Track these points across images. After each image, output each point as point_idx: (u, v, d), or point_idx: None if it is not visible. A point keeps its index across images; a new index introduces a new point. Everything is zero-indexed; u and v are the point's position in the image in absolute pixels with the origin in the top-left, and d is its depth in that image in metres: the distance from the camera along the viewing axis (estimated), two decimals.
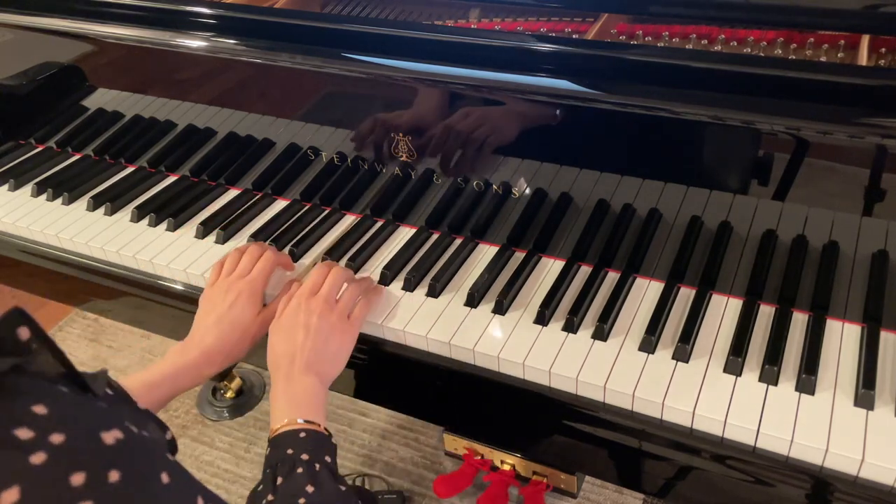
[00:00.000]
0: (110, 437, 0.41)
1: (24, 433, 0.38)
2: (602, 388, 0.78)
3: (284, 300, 0.85)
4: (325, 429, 0.74)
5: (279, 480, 0.66)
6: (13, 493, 0.37)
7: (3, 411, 0.39)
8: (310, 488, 0.65)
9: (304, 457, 0.68)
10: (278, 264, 0.92)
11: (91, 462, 0.39)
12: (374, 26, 0.94)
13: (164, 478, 0.43)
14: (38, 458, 0.38)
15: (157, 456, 0.44)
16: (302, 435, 0.71)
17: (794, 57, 0.84)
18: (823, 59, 0.82)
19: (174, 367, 0.80)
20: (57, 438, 0.39)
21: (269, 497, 0.65)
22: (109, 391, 0.62)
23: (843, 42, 0.82)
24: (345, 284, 0.87)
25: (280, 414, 0.74)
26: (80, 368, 0.67)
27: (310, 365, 0.78)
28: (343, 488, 0.68)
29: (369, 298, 0.88)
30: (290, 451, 0.69)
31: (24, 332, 0.42)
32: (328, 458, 0.70)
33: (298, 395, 0.76)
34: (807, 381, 0.74)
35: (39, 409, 0.39)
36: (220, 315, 0.84)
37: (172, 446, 0.67)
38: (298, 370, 0.78)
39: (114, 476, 0.39)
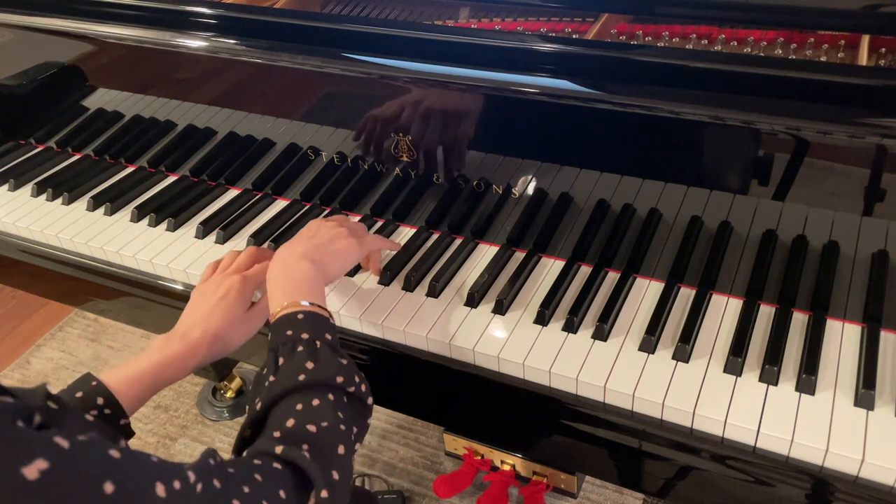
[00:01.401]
0: (33, 470, 0.38)
1: None
2: (602, 388, 0.78)
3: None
4: (325, 310, 0.74)
5: (280, 361, 0.67)
6: None
7: None
8: (309, 364, 0.66)
9: (304, 336, 0.69)
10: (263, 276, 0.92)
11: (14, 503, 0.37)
12: (374, 26, 0.94)
13: (108, 487, 0.41)
14: None
15: (98, 465, 0.41)
16: (300, 317, 0.71)
17: (794, 57, 0.84)
18: (823, 59, 0.82)
19: (156, 361, 0.78)
20: None
21: (272, 378, 0.66)
22: (53, 404, 0.61)
23: (843, 42, 0.82)
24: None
25: (278, 298, 0.74)
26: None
27: (307, 253, 0.80)
28: (344, 361, 0.68)
29: (386, 240, 0.95)
30: (289, 333, 0.70)
31: None
32: (328, 336, 0.71)
33: (295, 278, 0.77)
34: (807, 381, 0.74)
35: None
36: (210, 308, 0.83)
37: (127, 432, 0.65)
38: (296, 256, 0.79)
39: None
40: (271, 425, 0.63)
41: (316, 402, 0.64)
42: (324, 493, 0.58)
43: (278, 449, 0.59)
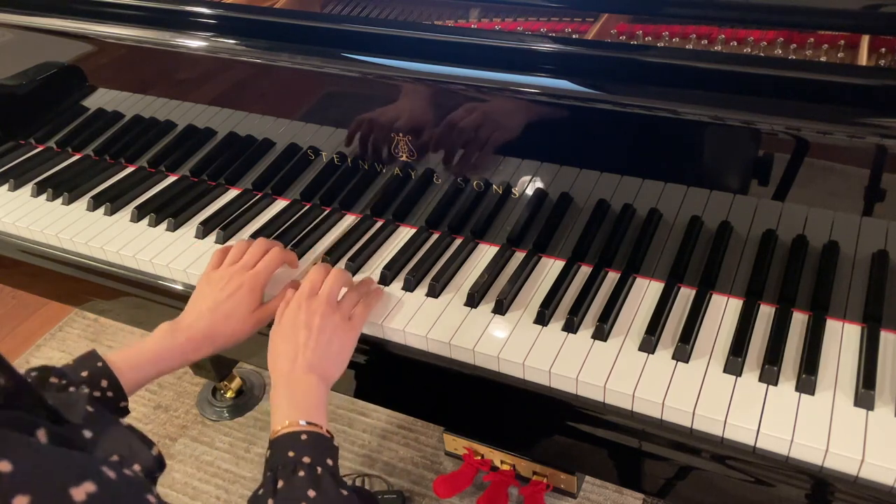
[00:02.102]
0: (80, 492, 0.38)
1: None
2: (602, 388, 0.78)
3: (283, 304, 0.84)
4: (327, 430, 0.73)
5: (280, 483, 0.65)
6: None
7: None
8: (311, 493, 0.64)
9: (306, 460, 0.67)
10: (284, 261, 0.92)
11: None
12: (374, 26, 0.94)
13: None
14: None
15: (136, 499, 0.42)
16: (303, 437, 0.70)
17: (794, 57, 0.84)
18: (823, 59, 0.82)
19: (160, 349, 0.79)
20: (21, 502, 0.36)
21: (270, 501, 0.64)
22: (90, 408, 0.61)
23: (843, 42, 0.82)
24: (344, 289, 0.87)
25: (281, 415, 0.72)
26: None
27: (312, 365, 0.77)
28: (345, 493, 0.67)
29: (369, 300, 0.88)
30: (291, 454, 0.68)
31: None
32: (330, 462, 0.69)
33: (299, 395, 0.75)
34: (807, 381, 0.74)
35: (3, 467, 0.37)
36: (217, 303, 0.83)
37: (160, 464, 0.65)
38: (300, 370, 0.77)
39: None
40: None
41: None
42: None
43: None
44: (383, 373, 0.93)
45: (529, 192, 0.93)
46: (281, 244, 0.95)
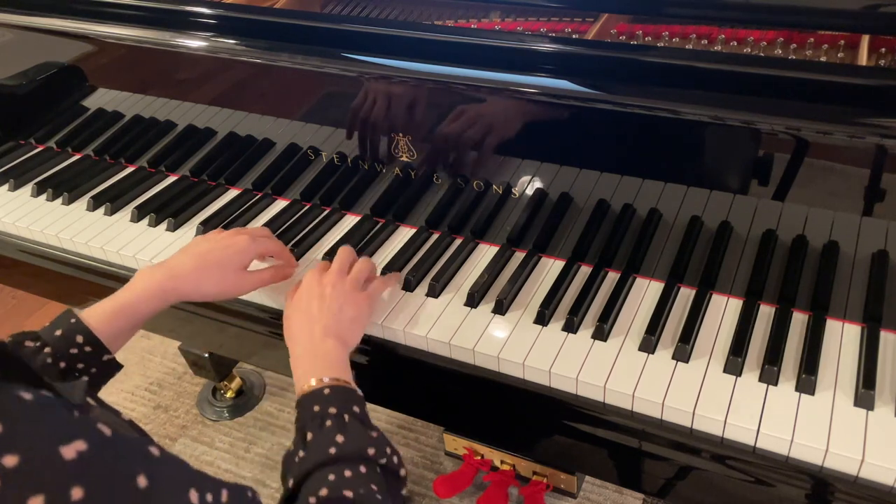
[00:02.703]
0: (71, 450, 0.38)
1: None
2: (602, 388, 0.78)
3: (295, 285, 0.85)
4: (351, 383, 0.73)
5: (309, 436, 0.66)
6: None
7: None
8: (340, 438, 0.65)
9: (332, 410, 0.68)
10: (282, 252, 0.93)
11: (50, 482, 0.36)
12: (374, 26, 0.94)
13: (142, 481, 0.40)
14: None
15: (135, 457, 0.42)
16: (326, 391, 0.70)
17: (794, 57, 0.84)
18: (823, 59, 0.82)
19: (137, 292, 0.78)
20: (10, 461, 0.36)
21: (301, 454, 0.65)
22: (92, 401, 0.60)
23: (843, 42, 0.82)
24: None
25: (303, 377, 0.73)
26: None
27: (327, 328, 0.78)
28: (374, 434, 0.67)
29: (387, 279, 0.90)
30: (316, 409, 0.68)
31: None
32: (356, 409, 0.69)
33: (320, 357, 0.75)
34: (807, 381, 0.74)
35: None
36: (210, 249, 0.83)
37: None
38: (318, 336, 0.77)
39: (77, 493, 0.37)
40: (305, 494, 0.61)
41: (348, 473, 0.62)
42: None
43: None
44: (383, 373, 0.93)
45: (529, 192, 0.93)
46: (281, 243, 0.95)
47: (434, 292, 0.91)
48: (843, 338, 0.80)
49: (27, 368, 0.43)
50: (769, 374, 0.76)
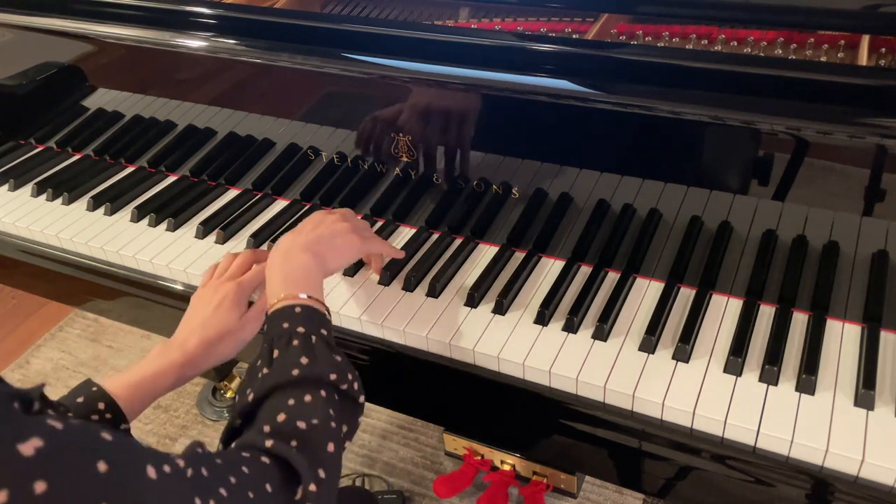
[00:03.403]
0: (29, 447, 0.38)
1: None
2: (602, 389, 0.78)
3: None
4: (323, 305, 0.74)
5: (275, 353, 0.67)
6: None
7: None
8: (304, 359, 0.66)
9: (300, 329, 0.69)
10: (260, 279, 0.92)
11: (11, 478, 0.37)
12: (374, 26, 0.94)
13: (102, 466, 0.41)
14: None
15: (91, 445, 0.42)
16: (297, 310, 0.71)
17: (794, 57, 0.84)
18: (823, 59, 0.82)
19: (155, 369, 0.79)
20: None
21: (265, 370, 0.66)
22: (44, 404, 0.60)
23: (843, 42, 0.82)
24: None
25: (276, 290, 0.74)
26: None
27: (308, 244, 0.79)
28: (338, 358, 0.68)
29: (389, 245, 0.92)
30: (285, 325, 0.70)
31: None
32: (324, 331, 0.71)
33: (295, 271, 0.76)
34: (807, 381, 0.74)
35: None
36: (205, 318, 0.83)
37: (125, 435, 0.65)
38: (298, 247, 0.79)
39: (40, 487, 0.38)
40: (261, 419, 0.63)
41: (308, 398, 0.64)
42: (311, 488, 0.58)
43: (268, 443, 0.59)
44: (383, 373, 0.93)
45: (529, 192, 0.93)
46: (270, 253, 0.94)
47: (434, 292, 0.91)
48: (843, 338, 0.80)
49: None
50: (769, 374, 0.76)
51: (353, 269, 0.96)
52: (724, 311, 0.85)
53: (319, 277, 0.79)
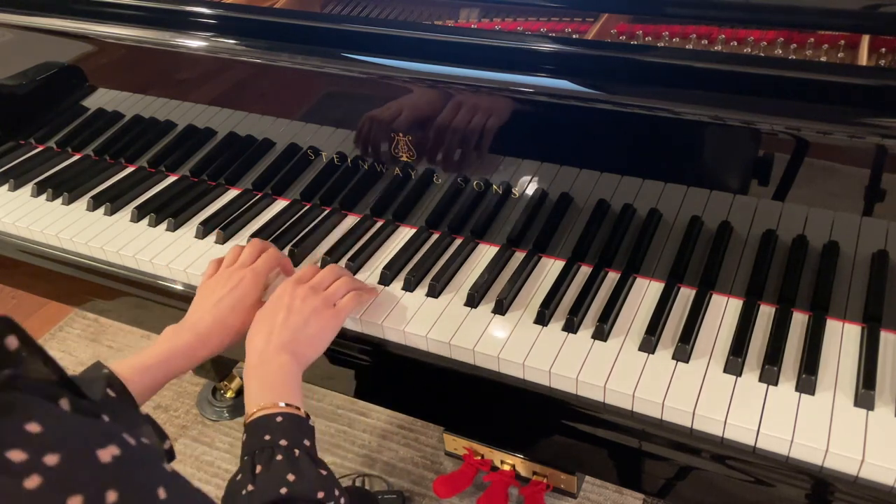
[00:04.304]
0: (107, 454, 0.39)
1: (16, 455, 0.36)
2: (602, 389, 0.78)
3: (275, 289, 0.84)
4: (303, 411, 0.72)
5: (258, 469, 0.65)
6: None
7: None
8: (291, 476, 0.64)
9: (283, 442, 0.67)
10: (281, 261, 0.92)
11: (88, 483, 0.38)
12: (374, 26, 0.94)
13: (161, 493, 0.41)
14: (32, 482, 0.36)
15: (155, 469, 0.43)
16: (279, 419, 0.69)
17: (794, 57, 0.84)
18: (823, 59, 0.82)
19: (167, 351, 0.78)
20: (51, 460, 0.37)
21: (250, 487, 0.64)
22: (111, 392, 0.61)
23: (843, 42, 0.82)
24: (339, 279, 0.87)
25: (255, 397, 0.72)
26: (80, 369, 0.67)
27: (285, 344, 0.77)
28: (324, 472, 0.67)
29: (362, 295, 0.87)
30: (267, 437, 0.68)
31: (12, 342, 0.40)
32: (307, 443, 0.69)
33: (271, 375, 0.74)
34: (807, 381, 0.74)
35: (33, 428, 0.37)
36: (220, 298, 0.82)
37: (170, 455, 0.65)
38: (273, 348, 0.76)
39: (111, 496, 0.38)
40: None
41: None
42: None
43: None
44: (383, 373, 0.93)
45: (529, 192, 0.93)
46: (275, 246, 0.94)
47: (434, 292, 0.91)
48: (843, 338, 0.80)
49: (51, 364, 0.44)
50: (769, 374, 0.76)
51: (352, 271, 0.96)
52: (724, 311, 0.85)
53: (298, 377, 0.76)
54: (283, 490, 0.63)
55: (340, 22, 0.97)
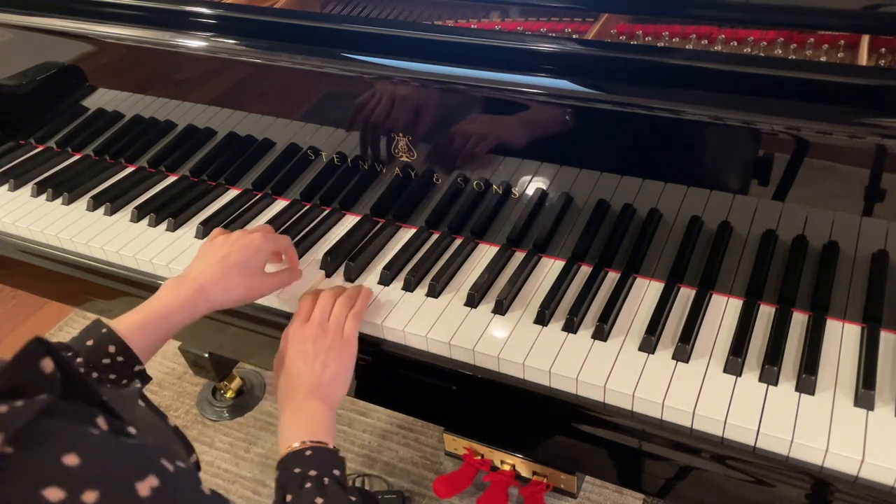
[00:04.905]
0: (145, 487, 0.38)
1: (54, 494, 0.35)
2: (602, 389, 0.78)
3: (284, 334, 0.84)
4: (331, 444, 0.73)
5: (288, 497, 0.66)
6: None
7: (31, 467, 0.35)
8: (319, 500, 0.65)
9: (312, 473, 0.68)
10: (288, 248, 0.92)
11: None
12: (374, 26, 0.94)
13: None
14: None
15: (193, 494, 0.42)
16: (308, 453, 0.70)
17: (794, 57, 0.84)
18: (823, 59, 0.82)
19: (166, 304, 0.77)
20: (90, 497, 0.35)
21: None
22: (142, 402, 0.61)
23: (843, 42, 0.82)
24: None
25: (286, 440, 0.73)
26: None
27: (313, 391, 0.78)
28: (353, 498, 0.67)
29: (358, 310, 0.87)
30: (297, 470, 0.68)
31: (48, 364, 0.39)
32: (336, 472, 0.70)
33: (303, 420, 0.75)
34: (807, 381, 0.74)
35: (70, 460, 0.36)
36: (227, 253, 0.82)
37: (196, 468, 0.65)
38: (303, 397, 0.77)
39: None
40: None
41: None
42: None
43: None
44: (383, 373, 0.93)
45: (529, 192, 0.93)
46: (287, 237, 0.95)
47: (434, 292, 0.91)
48: (843, 338, 0.80)
49: (85, 385, 0.42)
50: (769, 374, 0.76)
51: (352, 271, 0.96)
52: (724, 311, 0.85)
53: (330, 419, 0.77)
54: None
55: (340, 22, 0.97)
